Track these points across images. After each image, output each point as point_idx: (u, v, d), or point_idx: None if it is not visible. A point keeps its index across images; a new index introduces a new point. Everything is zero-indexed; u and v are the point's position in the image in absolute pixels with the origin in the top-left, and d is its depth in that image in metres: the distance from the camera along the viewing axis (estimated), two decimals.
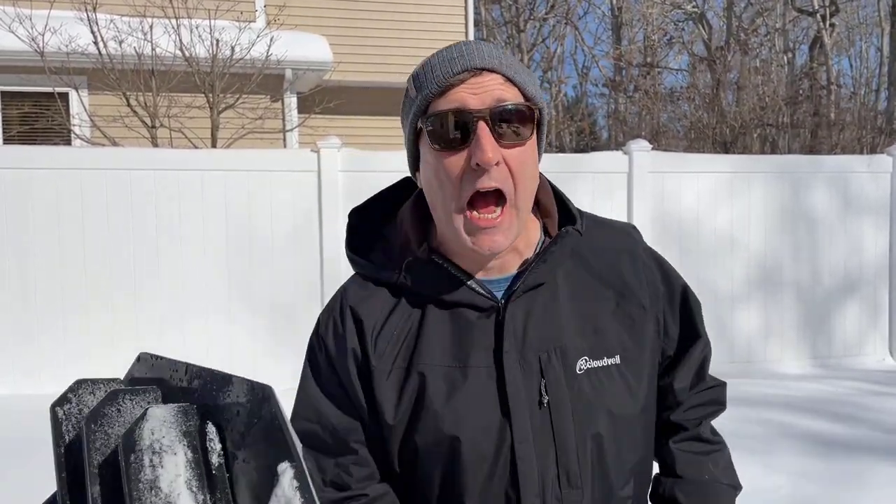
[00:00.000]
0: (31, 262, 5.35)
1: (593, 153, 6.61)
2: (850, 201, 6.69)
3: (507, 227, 0.97)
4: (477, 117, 0.92)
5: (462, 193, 0.95)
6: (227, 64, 6.97)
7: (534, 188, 1.01)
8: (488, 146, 0.92)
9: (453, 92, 0.94)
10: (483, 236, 0.96)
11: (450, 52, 0.96)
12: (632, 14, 19.42)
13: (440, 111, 0.94)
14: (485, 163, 0.91)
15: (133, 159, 5.58)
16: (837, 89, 15.09)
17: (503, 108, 0.94)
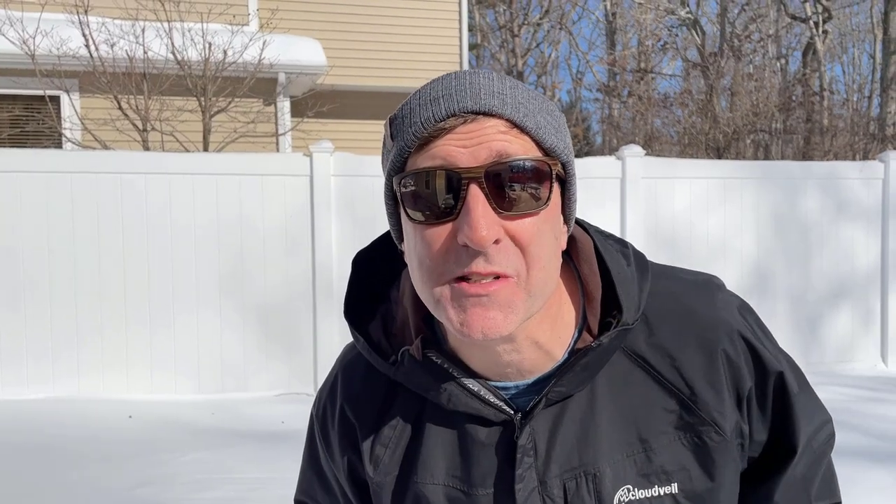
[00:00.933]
0: (20, 265, 5.31)
1: (586, 158, 6.61)
2: (843, 207, 6.71)
3: (506, 303, 0.70)
4: (467, 179, 0.68)
5: (449, 272, 0.70)
6: (219, 67, 6.94)
7: (554, 271, 0.74)
8: (480, 219, 0.67)
9: (437, 144, 0.69)
10: (473, 311, 0.69)
11: (434, 90, 0.71)
12: (626, 19, 19.49)
13: (418, 169, 0.70)
14: (476, 242, 0.67)
15: (124, 163, 5.55)
16: (830, 95, 15.16)
17: (506, 165, 0.68)
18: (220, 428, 4.72)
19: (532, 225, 0.70)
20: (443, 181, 0.68)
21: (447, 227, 0.69)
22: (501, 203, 0.68)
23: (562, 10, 19.51)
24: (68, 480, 3.79)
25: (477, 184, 0.68)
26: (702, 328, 0.80)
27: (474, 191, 0.67)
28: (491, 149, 0.68)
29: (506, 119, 0.69)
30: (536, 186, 0.70)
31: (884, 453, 4.25)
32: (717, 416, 0.79)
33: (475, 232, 0.66)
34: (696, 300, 0.82)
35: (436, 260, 0.70)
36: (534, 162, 0.69)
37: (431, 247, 0.70)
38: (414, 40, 9.52)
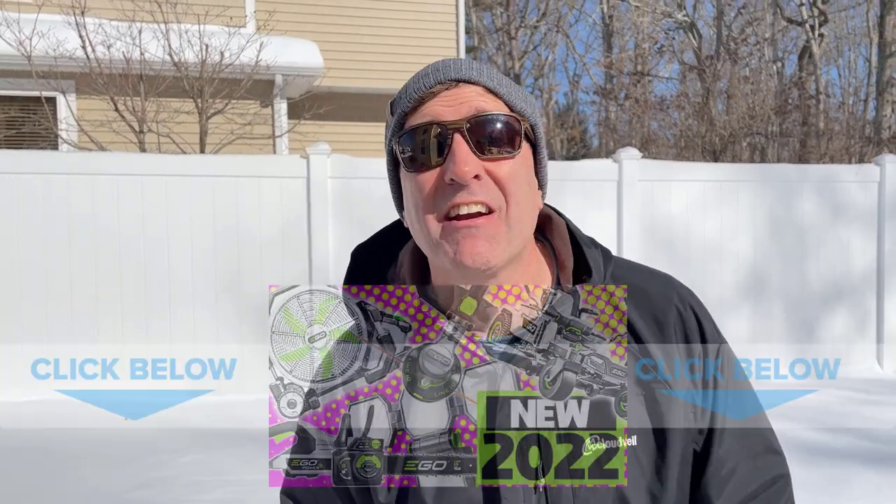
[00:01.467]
0: (18, 265, 5.30)
1: (583, 161, 6.63)
2: (839, 210, 6.73)
3: (492, 235, 0.83)
4: (452, 129, 0.83)
5: (440, 207, 0.84)
6: (216, 69, 6.94)
7: (532, 207, 0.89)
8: (463, 158, 0.82)
9: (427, 106, 0.85)
10: (464, 243, 0.83)
11: (425, 69, 0.90)
12: (622, 22, 19.53)
13: (413, 126, 0.85)
14: (460, 176, 0.81)
15: (121, 164, 5.54)
16: (826, 99, 15.21)
17: (483, 117, 0.84)
18: (218, 430, 4.72)
19: (507, 166, 0.85)
20: (432, 133, 0.84)
21: (437, 171, 0.84)
22: (480, 148, 0.83)
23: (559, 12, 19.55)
24: (66, 483, 3.79)
25: (460, 133, 0.83)
26: (657, 300, 0.96)
27: (458, 138, 0.83)
28: (470, 106, 0.84)
29: (482, 85, 0.86)
30: (509, 136, 0.85)
31: (879, 456, 4.26)
32: (667, 376, 0.90)
33: (458, 167, 0.81)
34: (654, 280, 0.99)
35: (428, 199, 0.84)
36: (506, 116, 0.85)
37: (424, 188, 0.84)
38: (411, 42, 9.54)
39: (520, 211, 0.86)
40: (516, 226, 0.86)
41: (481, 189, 0.83)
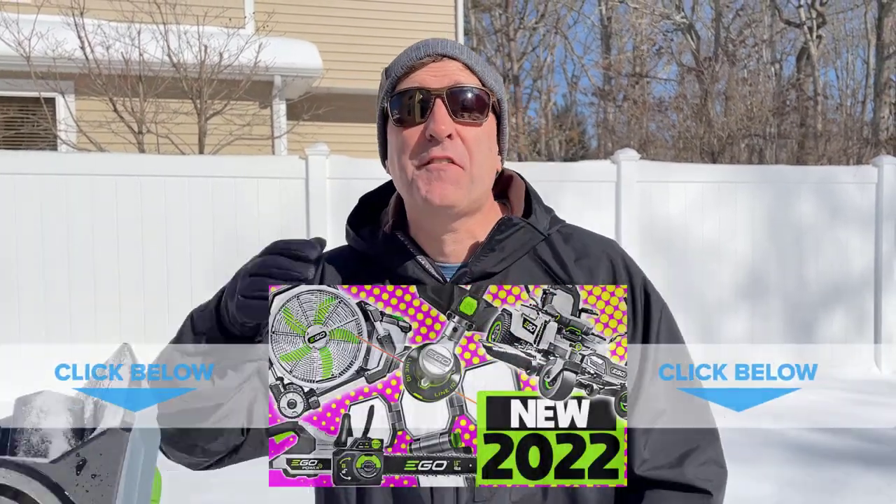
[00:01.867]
0: (17, 265, 5.30)
1: (582, 162, 6.64)
2: (837, 211, 6.74)
3: (456, 180, 1.01)
4: (435, 95, 1.01)
5: (418, 156, 1.02)
6: (215, 70, 6.94)
7: (491, 168, 1.07)
8: (442, 119, 1.00)
9: (416, 74, 1.03)
10: (435, 184, 1.00)
11: (416, 44, 1.07)
12: (621, 24, 19.55)
13: (402, 89, 1.04)
14: (437, 133, 1.00)
15: (119, 165, 5.54)
16: (824, 100, 15.24)
17: (460, 88, 1.02)
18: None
19: (474, 132, 1.03)
20: (419, 96, 1.02)
21: (419, 127, 1.02)
22: (456, 112, 1.01)
23: (557, 14, 19.57)
24: None
25: (440, 99, 1.01)
26: (594, 250, 1.12)
27: (439, 103, 1.01)
28: (451, 78, 1.03)
29: (462, 62, 1.04)
30: (479, 107, 1.03)
31: (877, 457, 4.27)
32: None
33: (437, 125, 0.99)
34: (595, 237, 1.16)
35: (410, 149, 1.02)
36: (478, 90, 1.04)
37: (408, 140, 1.02)
38: (409, 43, 9.51)
39: (480, 169, 1.03)
40: (476, 179, 1.03)
41: (452, 146, 1.01)
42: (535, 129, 18.34)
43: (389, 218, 1.13)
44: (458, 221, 1.06)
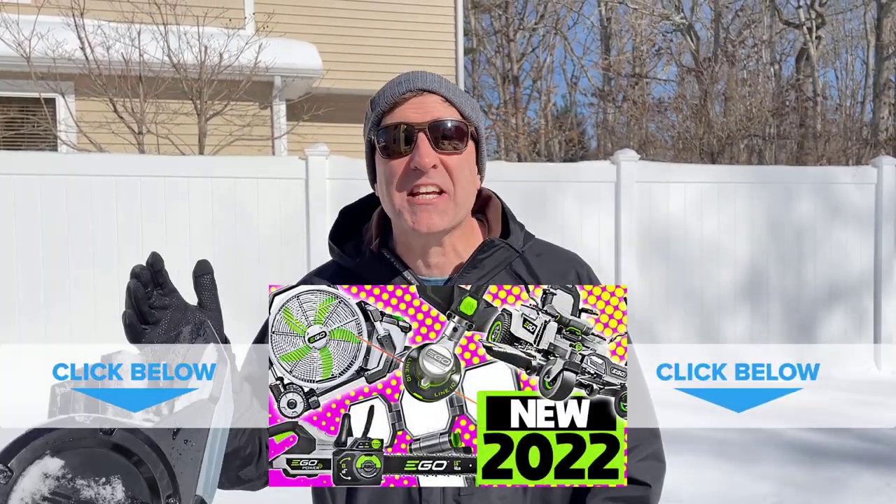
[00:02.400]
0: (13, 268, 5.30)
1: (581, 162, 6.64)
2: (836, 212, 6.74)
3: (443, 210, 1.09)
4: (418, 129, 1.09)
5: (405, 186, 1.11)
6: (215, 71, 6.94)
7: (472, 190, 1.16)
8: (426, 151, 1.08)
9: (400, 109, 1.11)
10: (422, 215, 1.09)
11: (398, 78, 1.16)
12: (620, 25, 19.55)
13: (388, 124, 1.12)
14: (422, 165, 1.08)
15: (119, 166, 5.54)
16: (823, 101, 15.24)
17: (440, 122, 1.10)
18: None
19: (456, 159, 1.11)
20: (403, 131, 1.10)
21: (405, 159, 1.10)
22: (438, 143, 1.10)
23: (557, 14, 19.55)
24: None
25: (423, 132, 1.09)
26: (561, 266, 1.21)
27: (422, 136, 1.09)
28: (432, 113, 1.11)
29: (441, 95, 1.12)
30: (458, 136, 1.12)
31: (876, 457, 4.27)
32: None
33: (422, 158, 1.08)
34: (562, 252, 1.25)
35: (397, 179, 1.10)
36: (457, 122, 1.12)
37: (395, 170, 1.10)
38: (410, 44, 9.55)
39: (463, 192, 1.12)
40: (460, 203, 1.12)
41: (436, 175, 1.09)
42: (534, 130, 18.33)
43: (373, 234, 1.20)
44: (441, 241, 1.14)
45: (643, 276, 6.32)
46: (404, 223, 1.11)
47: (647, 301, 6.33)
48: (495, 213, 1.23)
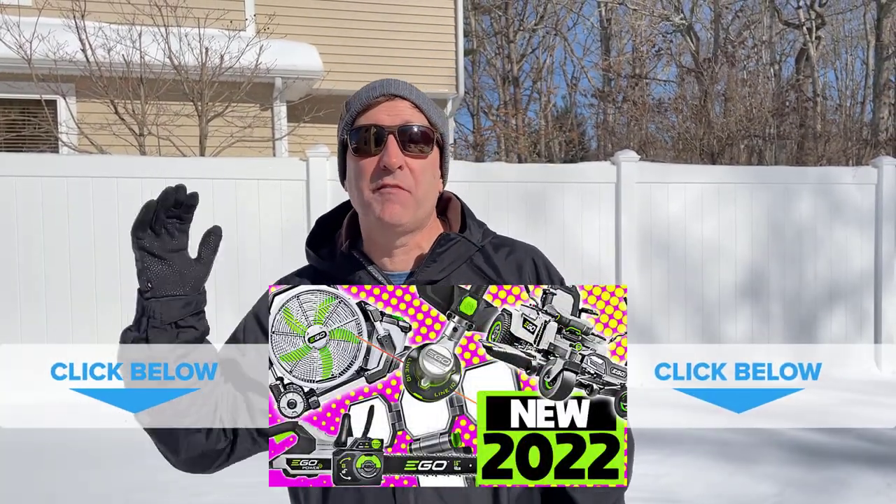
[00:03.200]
0: (14, 269, 5.31)
1: (581, 163, 6.64)
2: (837, 212, 6.74)
3: (405, 203, 1.15)
4: (388, 131, 1.16)
5: (373, 183, 1.17)
6: (216, 72, 6.95)
7: (434, 192, 1.22)
8: (394, 152, 1.15)
9: (372, 111, 1.18)
10: (387, 205, 1.15)
11: (373, 83, 1.22)
12: (620, 25, 19.55)
13: (361, 125, 1.19)
14: (390, 164, 1.15)
15: (120, 167, 5.55)
16: (823, 101, 15.24)
17: (409, 126, 1.17)
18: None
19: (420, 163, 1.18)
20: (374, 132, 1.17)
21: (374, 158, 1.16)
22: (405, 146, 1.17)
23: (557, 15, 19.55)
24: (64, 485, 3.79)
25: (393, 135, 1.16)
26: (518, 256, 1.25)
27: (391, 138, 1.16)
28: (402, 117, 1.17)
29: (411, 102, 1.19)
30: (424, 141, 1.18)
31: (877, 457, 4.27)
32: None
33: (390, 158, 1.15)
34: (520, 243, 1.29)
35: (367, 176, 1.17)
36: (424, 127, 1.19)
37: (366, 168, 1.17)
38: (410, 45, 9.55)
39: (424, 193, 1.18)
40: (421, 202, 1.18)
41: (402, 175, 1.16)
42: (535, 131, 18.33)
43: (344, 237, 1.26)
44: (405, 237, 1.19)
45: (643, 277, 6.32)
46: (371, 214, 1.17)
47: (647, 302, 6.33)
48: (455, 213, 1.29)
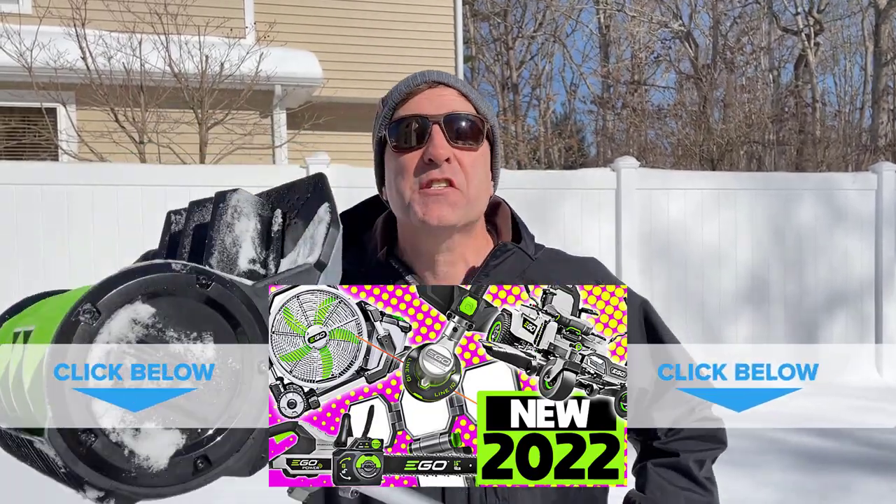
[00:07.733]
0: (17, 275, 5.31)
1: (581, 170, 6.66)
2: (837, 217, 6.75)
3: (454, 203, 1.04)
4: (433, 121, 1.05)
5: (417, 179, 1.05)
6: (216, 80, 6.97)
7: (486, 193, 1.11)
8: (440, 143, 1.04)
9: (413, 101, 1.07)
10: (432, 206, 1.04)
11: (413, 73, 1.12)
12: (619, 32, 19.62)
13: (400, 117, 1.07)
14: (436, 157, 1.03)
15: (120, 175, 5.56)
16: (822, 107, 15.28)
17: (456, 115, 1.06)
18: None
19: (470, 156, 1.06)
20: (416, 124, 1.05)
21: (418, 152, 1.05)
22: (453, 138, 1.05)
23: (556, 22, 19.64)
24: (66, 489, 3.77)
25: (438, 125, 1.04)
26: (576, 268, 1.19)
27: (436, 129, 1.04)
28: (447, 105, 1.06)
29: (457, 90, 1.08)
30: (474, 133, 1.07)
31: (880, 463, 4.26)
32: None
33: (436, 150, 1.03)
34: (575, 257, 1.22)
35: (409, 173, 1.05)
36: (474, 117, 1.07)
37: (407, 164, 1.05)
38: (409, 52, 9.58)
39: (476, 191, 1.07)
40: (473, 201, 1.07)
41: (450, 169, 1.04)
42: (534, 137, 18.37)
43: (378, 242, 1.15)
44: (451, 241, 1.08)
45: (644, 283, 6.32)
46: (413, 217, 1.05)
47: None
48: (505, 221, 1.18)
